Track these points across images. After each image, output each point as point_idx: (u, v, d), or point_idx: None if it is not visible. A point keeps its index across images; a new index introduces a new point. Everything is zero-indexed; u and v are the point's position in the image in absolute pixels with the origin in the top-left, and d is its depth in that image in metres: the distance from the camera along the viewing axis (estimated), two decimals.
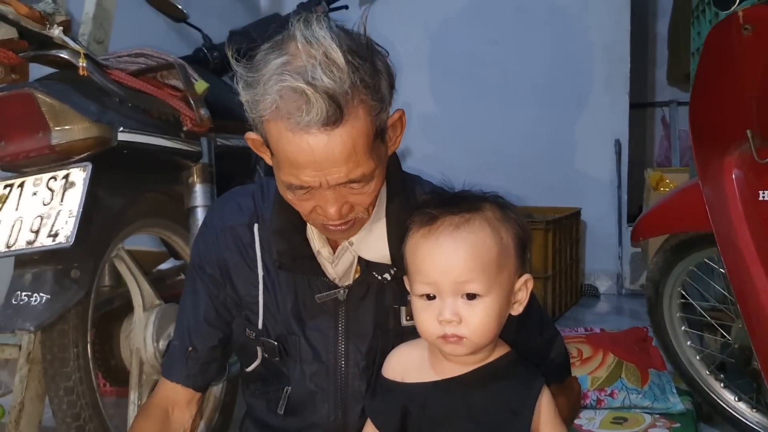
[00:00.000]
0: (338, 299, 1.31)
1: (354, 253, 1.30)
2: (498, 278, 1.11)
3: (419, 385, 1.18)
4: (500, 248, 1.12)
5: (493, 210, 1.15)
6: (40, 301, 1.68)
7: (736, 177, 1.89)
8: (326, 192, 1.15)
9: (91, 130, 1.76)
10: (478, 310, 1.10)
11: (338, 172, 1.13)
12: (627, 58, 4.54)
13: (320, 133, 1.09)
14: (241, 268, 1.36)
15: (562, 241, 4.15)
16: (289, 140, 1.11)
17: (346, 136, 1.10)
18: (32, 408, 2.00)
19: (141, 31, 2.98)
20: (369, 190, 1.18)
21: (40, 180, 1.76)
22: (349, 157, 1.12)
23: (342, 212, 1.18)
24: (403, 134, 1.26)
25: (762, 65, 1.77)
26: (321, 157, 1.11)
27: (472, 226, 1.12)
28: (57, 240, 1.66)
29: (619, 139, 4.56)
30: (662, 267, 2.39)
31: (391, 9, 4.71)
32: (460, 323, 1.10)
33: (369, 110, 1.13)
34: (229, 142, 2.24)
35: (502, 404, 1.14)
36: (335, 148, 1.10)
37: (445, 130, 4.81)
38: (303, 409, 1.35)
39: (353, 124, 1.11)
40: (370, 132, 1.14)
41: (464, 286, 1.10)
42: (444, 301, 1.11)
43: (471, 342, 1.11)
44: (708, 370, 2.46)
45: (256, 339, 1.36)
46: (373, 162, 1.16)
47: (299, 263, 1.31)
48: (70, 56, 1.76)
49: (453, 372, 1.16)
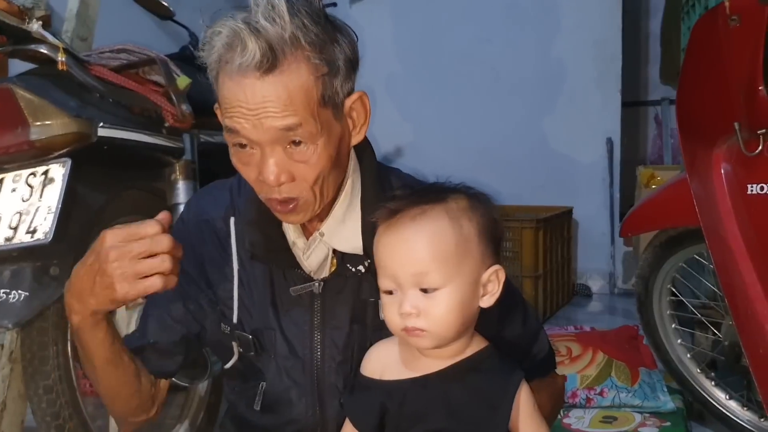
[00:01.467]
0: (314, 292, 1.29)
1: (327, 244, 1.27)
2: (458, 269, 1.09)
3: (397, 382, 1.16)
4: (459, 238, 1.10)
5: (457, 200, 1.13)
6: (18, 298, 1.66)
7: (724, 170, 1.88)
8: (265, 149, 1.14)
9: (71, 126, 1.74)
10: (437, 302, 1.09)
11: (272, 120, 1.11)
12: (619, 56, 4.53)
13: (255, 78, 1.09)
14: (216, 262, 1.33)
15: (553, 240, 4.13)
16: (228, 87, 1.11)
17: (281, 85, 1.10)
18: (15, 407, 1.98)
19: (128, 28, 2.95)
20: (311, 159, 1.15)
21: (19, 176, 1.74)
22: (285, 107, 1.10)
23: (281, 179, 1.15)
24: (368, 123, 1.24)
25: (749, 56, 1.75)
26: (254, 101, 1.10)
27: (428, 216, 1.10)
28: (35, 236, 1.64)
29: (611, 137, 4.55)
30: (652, 263, 2.37)
31: (381, 8, 4.72)
32: (419, 316, 1.08)
33: (311, 68, 1.12)
34: (212, 138, 2.22)
35: (480, 399, 1.12)
36: (269, 93, 1.10)
37: (437, 129, 4.80)
38: (280, 405, 1.33)
39: (290, 75, 1.10)
40: (311, 90, 1.12)
41: (422, 278, 1.08)
42: (405, 294, 1.09)
43: (432, 334, 1.09)
44: (698, 368, 2.45)
45: (231, 334, 1.33)
46: (315, 124, 1.13)
47: (273, 255, 1.29)
48: (49, 51, 1.75)
49: (430, 368, 1.14)
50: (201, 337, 1.38)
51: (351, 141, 1.24)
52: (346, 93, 1.19)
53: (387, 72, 4.74)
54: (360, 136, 1.24)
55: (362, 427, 1.17)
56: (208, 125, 2.18)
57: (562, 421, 2.38)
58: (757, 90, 1.73)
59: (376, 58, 4.33)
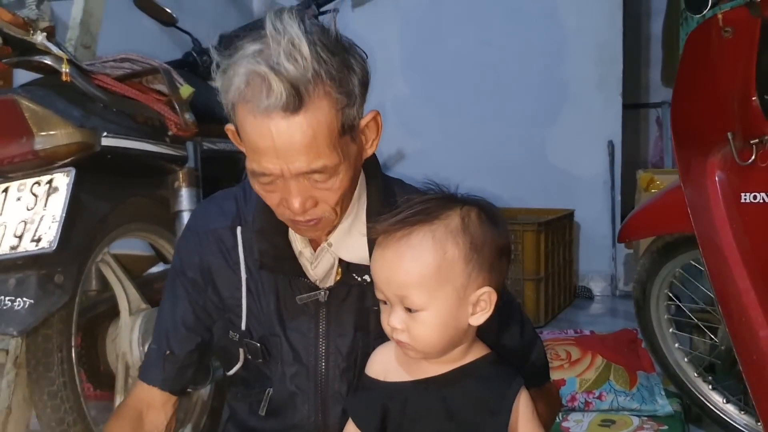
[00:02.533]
0: (319, 301, 1.31)
1: (334, 254, 1.30)
2: (438, 292, 1.11)
3: (400, 384, 1.19)
4: (441, 262, 1.11)
5: (448, 221, 1.13)
6: (23, 305, 1.68)
7: (718, 179, 1.89)
8: (290, 182, 1.16)
9: (75, 136, 1.77)
10: (419, 321, 1.11)
11: (298, 160, 1.13)
12: (620, 59, 4.53)
13: (281, 119, 1.11)
14: (223, 271, 1.36)
15: (555, 243, 4.15)
16: (251, 125, 1.13)
17: (306, 125, 1.12)
18: (20, 412, 2.00)
19: (131, 35, 2.99)
20: (334, 186, 1.18)
21: (24, 185, 1.77)
22: (310, 147, 1.13)
23: (306, 206, 1.18)
24: (380, 137, 1.27)
25: (742, 67, 1.77)
26: (281, 143, 1.12)
27: (412, 239, 1.11)
28: (40, 245, 1.67)
29: (612, 140, 4.55)
30: (649, 268, 2.39)
31: (383, 11, 4.73)
32: (404, 331, 1.12)
33: (333, 102, 1.14)
34: (215, 146, 2.24)
35: (480, 404, 1.15)
36: (295, 135, 1.12)
37: (438, 132, 4.82)
38: (284, 410, 1.36)
39: (314, 113, 1.12)
40: (333, 125, 1.14)
41: (403, 298, 1.11)
42: (393, 309, 1.13)
43: (416, 351, 1.13)
44: (696, 371, 2.47)
45: (239, 341, 1.36)
46: (337, 156, 1.16)
47: (281, 264, 1.31)
48: (53, 62, 1.77)
49: (432, 372, 1.17)
50: (209, 344, 1.42)
51: (364, 154, 1.27)
52: (361, 115, 1.21)
53: (388, 76, 4.75)
54: (372, 148, 1.27)
55: (364, 427, 1.19)
56: (211, 133, 2.20)
57: (561, 425, 2.40)
58: (750, 100, 1.75)
59: (377, 62, 4.32)
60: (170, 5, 2.60)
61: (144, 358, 1.47)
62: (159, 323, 1.43)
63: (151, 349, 1.43)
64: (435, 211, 1.14)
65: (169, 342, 1.39)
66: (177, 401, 1.44)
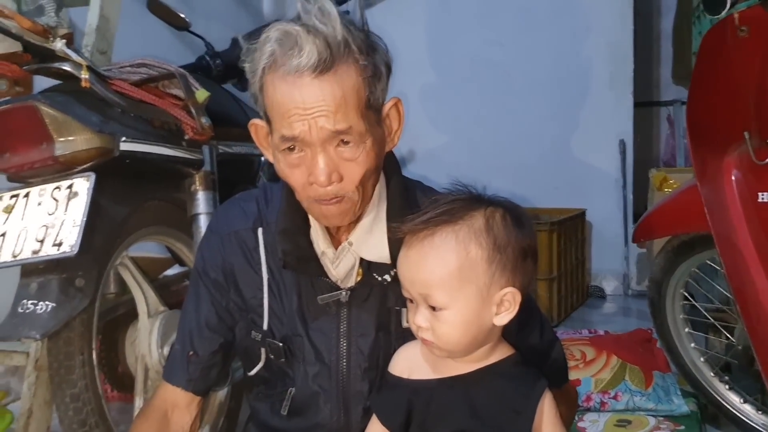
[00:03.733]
0: (340, 301, 1.33)
1: (355, 254, 1.31)
2: (461, 292, 1.12)
3: (425, 381, 1.20)
4: (464, 263, 1.12)
5: (472, 222, 1.14)
6: (45, 309, 1.70)
7: (735, 178, 1.89)
8: (317, 150, 1.18)
9: (94, 141, 1.78)
10: (442, 321, 1.13)
11: (327, 119, 1.16)
12: (630, 57, 4.53)
13: (311, 78, 1.14)
14: (246, 272, 1.37)
15: (567, 242, 4.15)
16: (281, 89, 1.16)
17: (336, 86, 1.15)
18: (40, 414, 2.02)
19: (144, 39, 3.01)
20: (359, 157, 1.20)
21: (44, 190, 1.78)
22: (339, 107, 1.16)
23: (331, 178, 1.19)
24: (401, 128, 1.30)
25: (758, 66, 1.77)
26: (310, 102, 1.15)
27: (434, 240, 1.13)
28: (61, 249, 1.68)
29: (623, 138, 4.55)
30: (664, 268, 2.39)
31: (394, 11, 4.73)
32: (428, 330, 1.14)
33: (360, 71, 1.18)
34: (231, 149, 2.26)
35: (504, 403, 1.16)
36: (325, 94, 1.15)
37: (449, 132, 4.82)
38: (306, 410, 1.37)
39: (343, 76, 1.16)
40: (361, 92, 1.18)
41: (427, 297, 1.13)
42: (418, 308, 1.15)
43: (440, 349, 1.15)
44: (712, 371, 2.46)
45: (261, 341, 1.38)
46: (364, 124, 1.19)
47: (303, 264, 1.33)
48: (72, 69, 1.78)
49: (458, 370, 1.18)
50: (232, 345, 1.44)
51: (387, 145, 1.29)
52: (384, 99, 1.25)
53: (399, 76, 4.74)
54: (395, 141, 1.30)
55: (389, 424, 1.21)
56: (226, 137, 2.22)
57: (577, 425, 2.40)
58: (766, 100, 1.75)
59: None
60: (183, 9, 2.62)
61: (167, 359, 1.48)
62: (182, 324, 1.44)
63: (175, 350, 1.44)
64: (459, 211, 1.15)
65: (193, 343, 1.41)
66: (201, 402, 1.45)
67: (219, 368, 1.45)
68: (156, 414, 1.42)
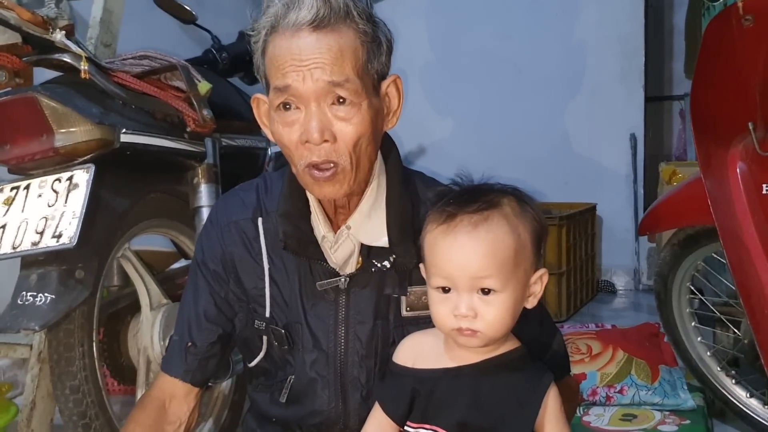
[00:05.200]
0: (339, 288, 1.33)
1: (353, 239, 1.31)
2: (514, 274, 1.13)
3: (430, 371, 1.19)
4: (517, 245, 1.13)
5: (511, 205, 1.16)
6: (44, 301, 1.70)
7: (739, 170, 1.87)
8: (310, 104, 1.19)
9: (94, 133, 1.78)
10: (494, 305, 1.12)
11: (322, 72, 1.17)
12: (641, 51, 4.50)
13: (309, 32, 1.17)
14: (246, 261, 1.38)
15: (576, 237, 4.13)
16: (280, 45, 1.19)
17: (334, 41, 1.18)
18: (43, 406, 2.04)
19: (151, 33, 3.01)
20: (354, 118, 1.20)
21: (44, 182, 1.79)
22: (335, 60, 1.18)
23: (324, 136, 1.19)
24: (401, 108, 1.30)
25: (763, 56, 1.75)
26: (307, 53, 1.17)
27: (490, 224, 1.13)
28: (61, 241, 1.68)
29: (634, 133, 4.52)
30: (670, 262, 2.37)
31: (403, 6, 4.72)
32: (475, 318, 1.11)
33: (359, 34, 1.21)
34: (234, 142, 2.26)
35: (509, 395, 1.15)
36: (321, 46, 1.17)
37: (459, 126, 4.81)
38: (304, 397, 1.37)
39: (341, 34, 1.19)
40: (358, 52, 1.20)
41: (481, 281, 1.11)
42: (460, 296, 1.12)
43: (485, 336, 1.13)
44: (719, 365, 2.45)
45: (265, 329, 1.38)
46: (361, 84, 1.20)
47: (303, 247, 1.33)
48: (72, 60, 1.78)
49: (464, 360, 1.17)
50: (231, 336, 1.44)
51: (385, 124, 1.30)
52: (383, 74, 1.26)
53: (408, 70, 4.74)
54: (394, 121, 1.31)
55: (392, 412, 1.20)
56: (229, 129, 2.22)
57: (582, 419, 2.38)
58: None
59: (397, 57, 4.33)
60: (190, 3, 2.62)
61: (166, 350, 1.48)
62: (181, 315, 1.44)
63: (173, 340, 1.44)
64: (495, 196, 1.16)
65: (191, 333, 1.41)
66: (199, 393, 1.45)
67: (217, 359, 1.45)
68: (154, 404, 1.42)
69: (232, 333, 1.43)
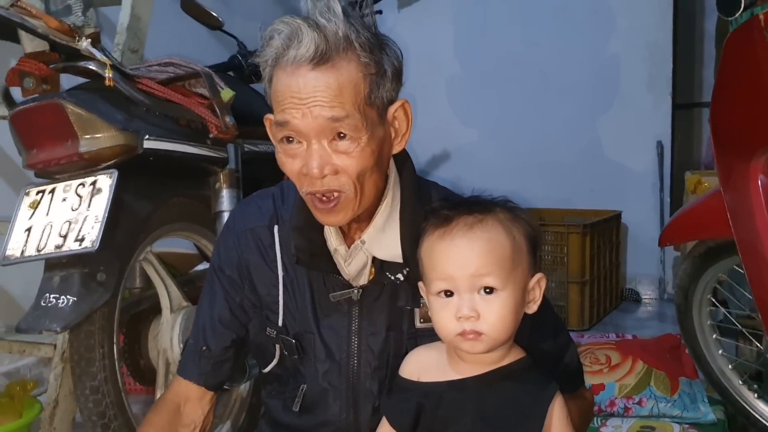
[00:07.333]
0: (352, 299, 1.34)
1: (367, 252, 1.32)
2: (513, 274, 1.14)
3: (435, 384, 1.20)
4: (514, 245, 1.16)
5: (503, 212, 1.19)
6: (67, 303, 1.74)
7: (761, 183, 1.85)
8: (311, 140, 1.20)
9: (118, 138, 1.83)
10: (496, 304, 1.13)
11: (321, 108, 1.17)
12: (669, 58, 4.45)
13: (308, 70, 1.17)
14: (261, 268, 1.40)
15: (601, 245, 4.10)
16: (281, 80, 1.19)
17: (332, 77, 1.17)
18: (66, 405, 2.08)
19: (178, 38, 3.06)
20: (354, 152, 1.21)
21: (69, 186, 1.83)
22: (335, 97, 1.17)
23: (324, 171, 1.20)
24: (410, 132, 1.30)
25: None
26: (306, 91, 1.17)
27: (485, 225, 1.16)
28: (83, 244, 1.72)
29: (661, 140, 4.47)
30: (691, 273, 2.35)
31: (429, 12, 4.74)
32: (479, 319, 1.12)
33: (361, 67, 1.19)
34: (256, 147, 2.28)
35: (514, 406, 1.16)
36: (320, 84, 1.17)
37: (485, 132, 4.80)
38: (316, 407, 1.38)
39: (341, 70, 1.18)
40: (360, 87, 1.19)
41: (481, 279, 1.13)
42: (461, 298, 1.14)
43: (489, 338, 1.14)
44: (741, 379, 2.42)
45: (276, 337, 1.39)
46: (361, 119, 1.19)
47: (316, 260, 1.34)
48: (97, 67, 1.82)
49: (468, 373, 1.18)
50: (245, 341, 1.46)
51: (393, 149, 1.29)
52: (390, 100, 1.25)
53: (435, 76, 4.75)
54: (402, 144, 1.30)
55: (399, 426, 1.21)
56: (251, 135, 2.24)
57: (599, 430, 2.37)
58: None
59: (423, 62, 4.35)
60: (219, 8, 2.66)
61: (182, 353, 1.51)
62: (197, 319, 1.47)
63: (189, 344, 1.47)
64: (487, 205, 1.20)
65: (206, 337, 1.43)
66: (214, 397, 1.47)
67: (231, 364, 1.47)
68: (168, 407, 1.44)
69: (246, 338, 1.45)
